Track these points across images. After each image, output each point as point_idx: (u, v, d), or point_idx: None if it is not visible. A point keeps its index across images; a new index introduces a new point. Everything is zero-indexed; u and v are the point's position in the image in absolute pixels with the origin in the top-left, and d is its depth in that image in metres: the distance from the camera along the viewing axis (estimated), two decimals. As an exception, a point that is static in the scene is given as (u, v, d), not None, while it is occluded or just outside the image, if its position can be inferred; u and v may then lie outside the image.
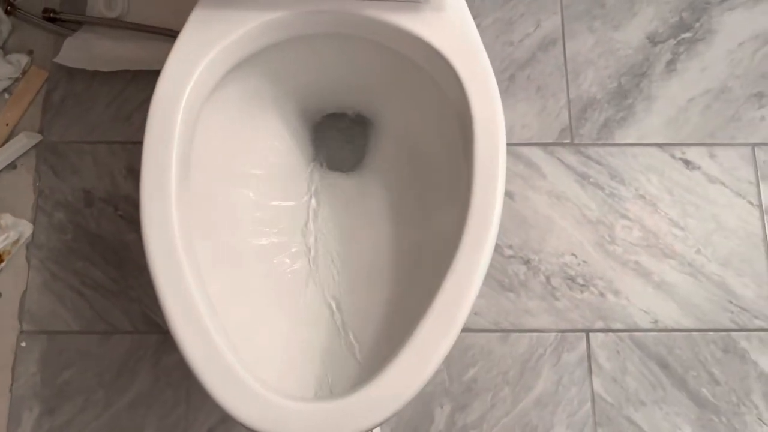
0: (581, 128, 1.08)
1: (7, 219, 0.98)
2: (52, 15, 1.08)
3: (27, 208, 1.03)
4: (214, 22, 0.64)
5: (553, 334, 0.99)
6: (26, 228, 1.01)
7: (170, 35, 1.05)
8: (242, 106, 0.75)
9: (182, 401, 0.96)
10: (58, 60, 1.03)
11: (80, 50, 1.04)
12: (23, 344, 0.97)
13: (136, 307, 0.99)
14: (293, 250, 0.75)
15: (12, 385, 0.96)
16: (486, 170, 0.60)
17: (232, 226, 0.72)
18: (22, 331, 0.98)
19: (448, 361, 0.98)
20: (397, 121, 0.81)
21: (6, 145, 1.03)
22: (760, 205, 1.05)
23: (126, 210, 1.03)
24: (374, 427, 0.55)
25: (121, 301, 0.99)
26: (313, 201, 0.80)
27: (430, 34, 0.64)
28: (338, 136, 0.86)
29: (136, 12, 1.08)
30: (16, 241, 0.99)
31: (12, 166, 1.04)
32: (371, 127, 0.85)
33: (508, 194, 1.04)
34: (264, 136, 0.79)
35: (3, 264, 0.98)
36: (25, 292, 0.99)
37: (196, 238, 0.59)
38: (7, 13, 1.08)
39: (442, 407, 0.96)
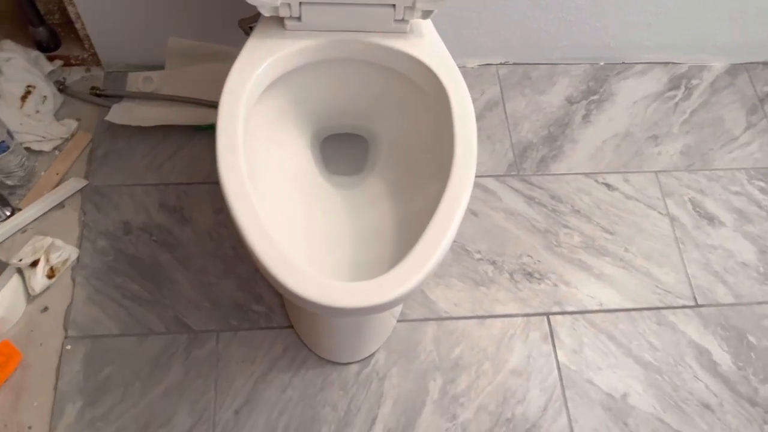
0: (524, 163, 1.37)
1: (58, 242, 1.16)
2: (98, 92, 1.34)
3: (73, 238, 1.21)
4: (262, 47, 0.92)
5: (520, 317, 1.20)
6: (72, 252, 1.18)
7: (194, 102, 1.33)
8: (272, 123, 1.01)
9: (211, 388, 1.10)
10: (107, 119, 1.28)
11: (124, 112, 1.30)
12: (68, 347, 1.11)
13: (169, 312, 1.15)
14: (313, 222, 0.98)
15: (56, 383, 1.08)
16: (464, 134, 0.86)
17: (274, 185, 0.95)
18: (66, 337, 1.12)
19: (437, 342, 1.16)
20: (388, 131, 1.07)
21: (57, 188, 1.24)
22: (667, 214, 1.34)
23: (159, 236, 1.22)
24: (407, 294, 0.74)
25: (156, 308, 1.16)
26: (328, 193, 1.03)
27: (415, 51, 0.93)
28: (342, 151, 1.12)
29: (167, 87, 1.35)
30: (65, 261, 1.16)
31: (60, 206, 1.24)
32: (367, 140, 1.11)
33: (473, 212, 1.30)
34: (288, 149, 1.04)
35: (54, 279, 1.15)
36: (70, 304, 1.15)
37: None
38: (60, 90, 1.34)
39: (435, 381, 1.13)
